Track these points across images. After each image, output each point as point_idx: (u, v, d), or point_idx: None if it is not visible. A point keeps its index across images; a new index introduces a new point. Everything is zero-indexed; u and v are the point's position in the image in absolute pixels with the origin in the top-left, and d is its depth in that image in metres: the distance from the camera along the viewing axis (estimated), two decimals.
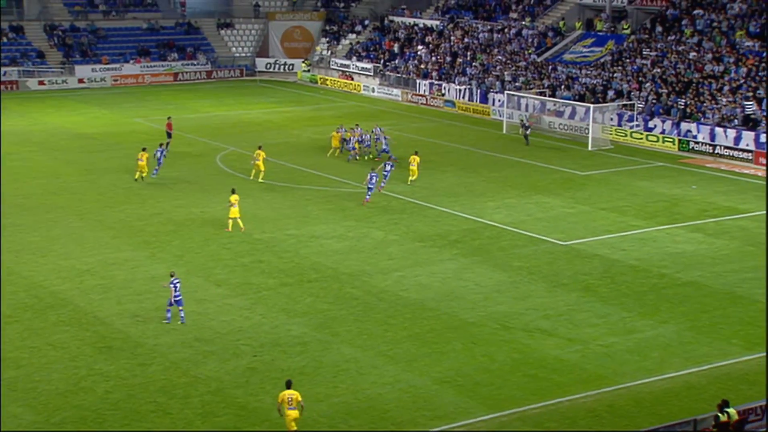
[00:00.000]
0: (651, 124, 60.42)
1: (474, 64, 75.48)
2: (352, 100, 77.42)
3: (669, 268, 36.44)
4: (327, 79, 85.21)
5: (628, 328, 30.84)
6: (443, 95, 74.13)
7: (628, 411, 25.50)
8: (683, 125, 58.82)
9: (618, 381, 27.16)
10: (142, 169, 48.52)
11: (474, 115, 70.26)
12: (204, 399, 25.83)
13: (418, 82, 76.97)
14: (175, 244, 39.03)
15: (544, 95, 66.52)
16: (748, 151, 55.09)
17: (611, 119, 62.01)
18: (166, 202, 45.23)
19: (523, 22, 78.64)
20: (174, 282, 30.44)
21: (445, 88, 74.30)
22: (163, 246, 38.73)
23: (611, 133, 60.92)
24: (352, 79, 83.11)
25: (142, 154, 48.67)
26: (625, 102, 62.80)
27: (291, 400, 23.54)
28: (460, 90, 73.01)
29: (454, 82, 74.17)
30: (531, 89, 68.08)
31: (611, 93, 64.24)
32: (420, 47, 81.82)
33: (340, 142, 55.54)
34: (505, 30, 78.56)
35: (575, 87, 66.68)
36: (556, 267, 36.57)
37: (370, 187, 44.92)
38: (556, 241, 39.79)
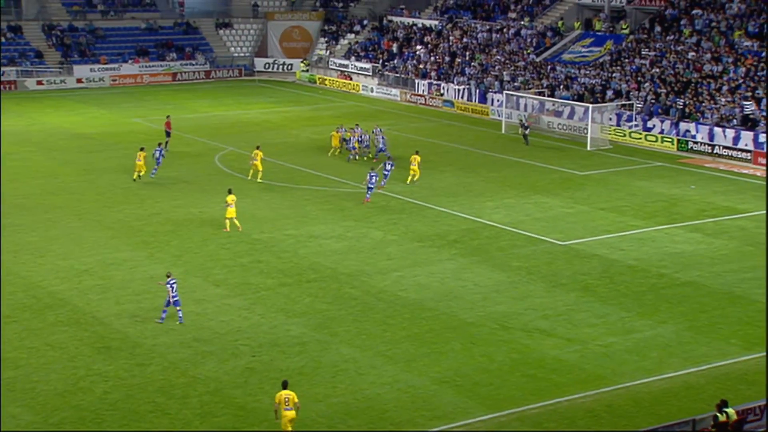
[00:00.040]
0: (650, 124, 60.41)
1: (473, 64, 75.46)
2: (351, 100, 77.39)
3: (668, 268, 36.43)
4: (326, 79, 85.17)
5: (626, 328, 30.84)
6: (442, 95, 74.08)
7: (627, 411, 25.49)
8: (682, 125, 58.82)
9: (617, 381, 27.15)
10: (140, 169, 48.58)
11: (473, 115, 70.23)
12: (202, 399, 25.81)
13: (416, 82, 76.92)
14: (174, 244, 39.01)
15: (543, 95, 66.50)
16: (746, 151, 55.07)
17: (610, 119, 61.99)
18: (165, 202, 45.21)
19: (522, 22, 78.62)
20: (170, 282, 30.42)
21: (443, 88, 74.26)
22: (161, 246, 38.71)
23: (610, 133, 60.90)
24: (351, 79, 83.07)
25: (140, 154, 48.73)
26: (624, 102, 62.79)
27: (288, 401, 23.49)
28: (459, 90, 72.98)
29: (452, 82, 74.14)
30: (530, 89, 68.06)
31: (610, 93, 64.24)
32: (419, 47, 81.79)
33: (340, 142, 55.54)
34: (504, 30, 78.54)
35: (574, 87, 66.66)
36: (555, 267, 36.56)
37: (370, 186, 44.92)
38: (554, 241, 39.78)
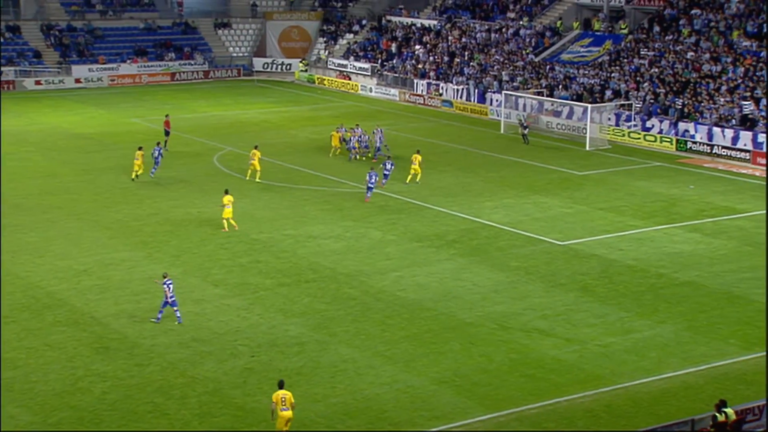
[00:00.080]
0: (649, 124, 60.41)
1: (471, 63, 75.46)
2: (350, 100, 77.36)
3: (667, 268, 36.42)
4: (324, 79, 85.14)
5: (625, 328, 30.82)
6: (441, 95, 74.07)
7: (626, 411, 25.48)
8: (681, 125, 58.82)
9: (616, 381, 27.14)
10: (139, 168, 48.55)
11: (472, 115, 70.22)
12: (201, 399, 25.79)
13: (415, 81, 76.90)
14: (173, 244, 38.98)
15: (542, 95, 66.50)
16: (745, 150, 55.08)
17: (609, 119, 61.98)
18: (163, 202, 45.18)
19: (521, 22, 78.62)
20: (167, 282, 30.39)
21: (442, 88, 74.24)
22: (160, 246, 38.68)
23: (609, 133, 60.89)
24: (350, 78, 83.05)
25: (138, 153, 48.73)
26: (623, 102, 62.79)
27: (284, 401, 23.46)
28: (458, 90, 72.96)
29: (451, 82, 74.13)
30: (529, 89, 68.05)
31: (609, 93, 64.23)
32: (417, 47, 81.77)
33: (340, 142, 55.51)
34: (503, 30, 78.54)
35: (573, 87, 66.66)
36: (554, 267, 36.55)
37: (370, 186, 44.92)
38: (553, 241, 39.77)
